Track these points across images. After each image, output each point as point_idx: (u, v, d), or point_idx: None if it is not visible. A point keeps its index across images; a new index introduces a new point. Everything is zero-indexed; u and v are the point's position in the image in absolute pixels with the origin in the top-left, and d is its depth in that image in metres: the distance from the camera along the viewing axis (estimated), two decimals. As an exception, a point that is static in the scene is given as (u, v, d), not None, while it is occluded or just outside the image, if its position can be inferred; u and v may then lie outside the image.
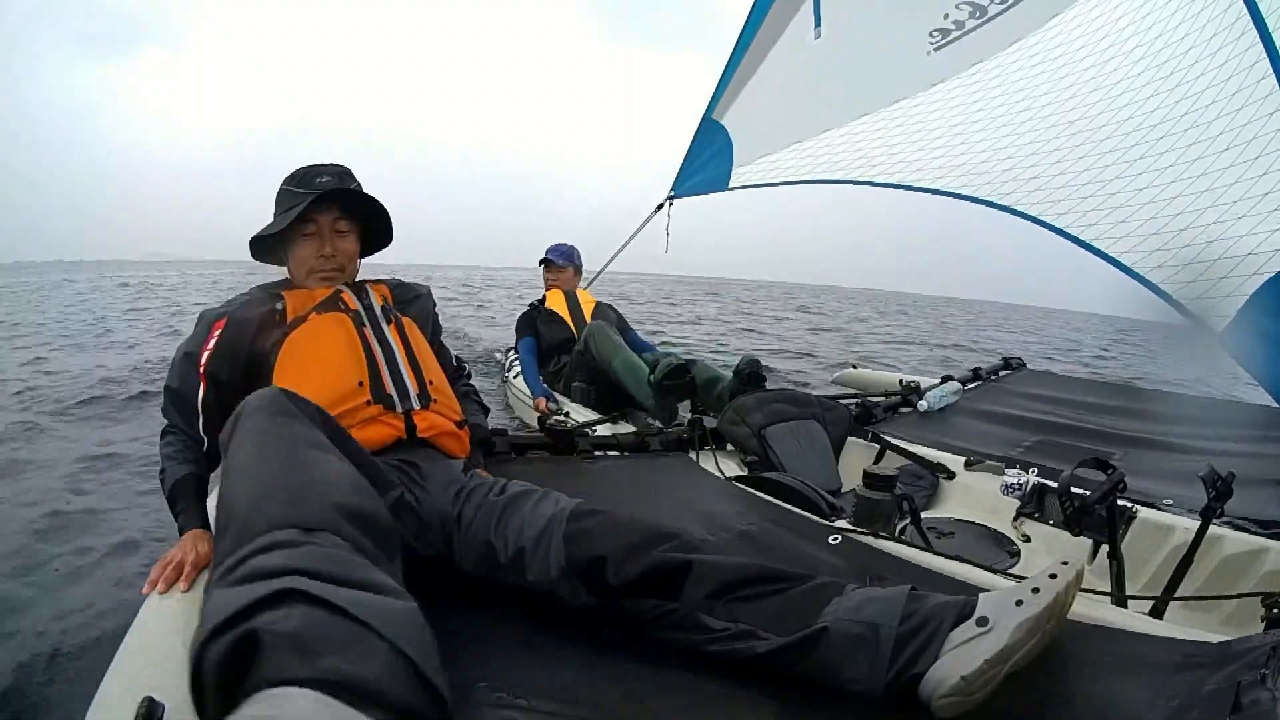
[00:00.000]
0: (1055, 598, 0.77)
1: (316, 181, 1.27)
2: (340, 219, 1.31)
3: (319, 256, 1.30)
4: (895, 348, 9.30)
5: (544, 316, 3.11)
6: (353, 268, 1.37)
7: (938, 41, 2.99)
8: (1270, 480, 1.64)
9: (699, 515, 1.37)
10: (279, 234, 1.29)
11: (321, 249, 1.30)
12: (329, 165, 1.31)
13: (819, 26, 3.16)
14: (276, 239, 1.31)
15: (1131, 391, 3.43)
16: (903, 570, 1.11)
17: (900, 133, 3.08)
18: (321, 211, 1.29)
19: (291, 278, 1.36)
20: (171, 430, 1.21)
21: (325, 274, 1.32)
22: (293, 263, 1.33)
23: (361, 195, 1.31)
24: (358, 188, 1.33)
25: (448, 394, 1.30)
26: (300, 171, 1.30)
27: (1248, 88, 2.29)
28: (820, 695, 0.79)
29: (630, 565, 0.90)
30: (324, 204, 1.28)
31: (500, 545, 0.99)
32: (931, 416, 2.50)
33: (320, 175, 1.28)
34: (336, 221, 1.31)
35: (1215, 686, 0.71)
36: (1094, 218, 2.48)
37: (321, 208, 1.28)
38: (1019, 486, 1.65)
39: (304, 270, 1.32)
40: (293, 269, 1.34)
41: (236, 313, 1.25)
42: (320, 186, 1.26)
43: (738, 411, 1.92)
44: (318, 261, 1.30)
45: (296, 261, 1.32)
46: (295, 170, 1.31)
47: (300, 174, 1.29)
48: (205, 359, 1.20)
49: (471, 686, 0.81)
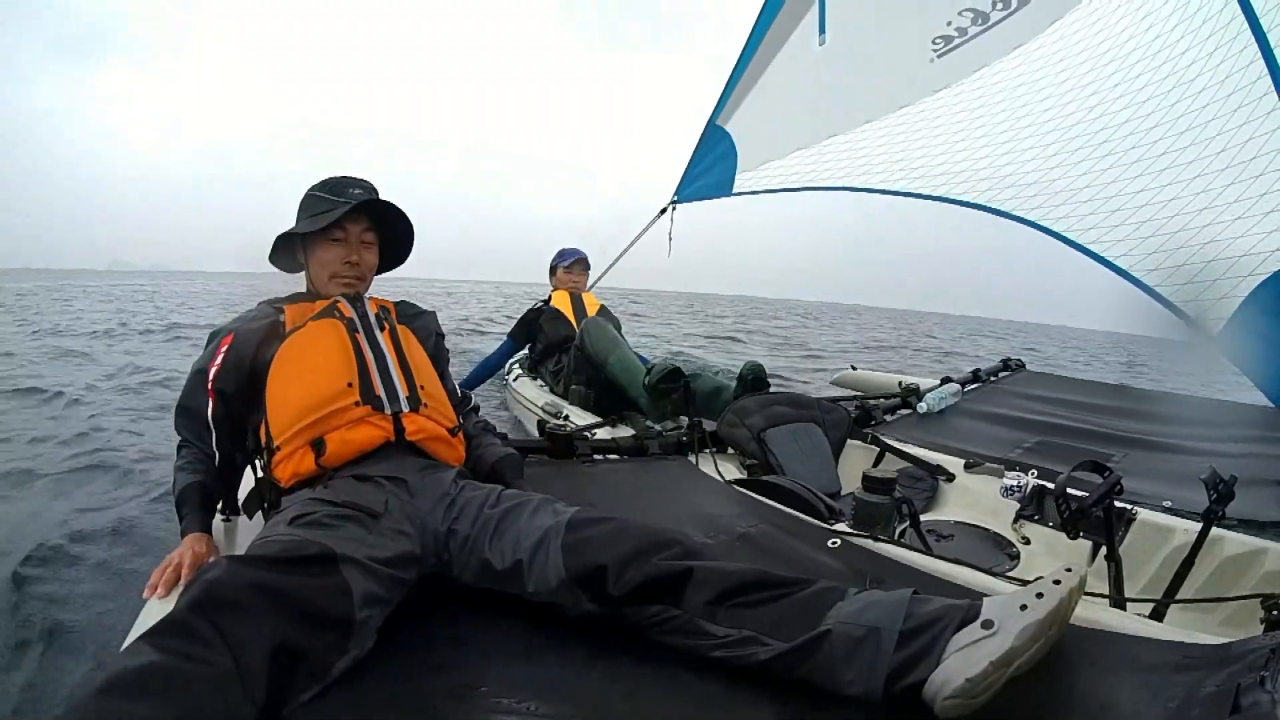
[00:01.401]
0: (1059, 603, 0.77)
1: (349, 192, 1.31)
2: (368, 230, 1.35)
3: (345, 263, 1.33)
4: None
5: (548, 315, 3.14)
6: (369, 281, 1.39)
7: (940, 49, 3.00)
8: (1269, 481, 1.65)
9: (698, 518, 1.37)
10: (302, 237, 1.33)
11: (349, 255, 1.33)
12: (358, 179, 1.35)
13: (824, 34, 3.17)
14: (300, 241, 1.35)
15: (1130, 393, 3.43)
16: (902, 573, 1.11)
17: (903, 139, 3.09)
18: (353, 221, 1.33)
19: (311, 281, 1.37)
20: (185, 444, 1.25)
21: (347, 280, 1.34)
22: (315, 265, 1.35)
23: (397, 212, 1.36)
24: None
25: (440, 400, 1.30)
26: (331, 180, 1.34)
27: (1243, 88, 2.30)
28: (821, 698, 0.79)
29: (631, 574, 0.90)
30: (355, 215, 1.32)
31: (497, 558, 1.00)
32: (931, 418, 2.50)
33: (353, 187, 1.32)
34: (364, 233, 1.35)
35: (1215, 688, 0.71)
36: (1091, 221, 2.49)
37: (352, 218, 1.32)
38: (1019, 489, 1.65)
39: (326, 274, 1.34)
40: (314, 272, 1.36)
41: (242, 328, 1.27)
42: (354, 197, 1.30)
43: (737, 414, 1.92)
44: (343, 267, 1.33)
45: (319, 265, 1.34)
46: (325, 179, 1.35)
47: (332, 183, 1.33)
48: (213, 375, 1.22)
49: (473, 691, 0.81)
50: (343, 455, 1.12)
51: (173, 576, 0.99)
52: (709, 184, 3.84)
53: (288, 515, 0.99)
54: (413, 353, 1.32)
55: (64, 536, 2.01)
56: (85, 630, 1.57)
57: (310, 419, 1.12)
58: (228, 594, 0.75)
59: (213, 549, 1.10)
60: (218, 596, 0.74)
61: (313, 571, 0.85)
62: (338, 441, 1.12)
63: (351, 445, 1.13)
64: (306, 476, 1.11)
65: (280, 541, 0.90)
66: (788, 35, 3.31)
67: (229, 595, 0.75)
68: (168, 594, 0.96)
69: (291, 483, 1.12)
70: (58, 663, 1.47)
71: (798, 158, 3.47)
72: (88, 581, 1.80)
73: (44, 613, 1.64)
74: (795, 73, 3.38)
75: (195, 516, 1.13)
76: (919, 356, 10.73)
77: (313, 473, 1.11)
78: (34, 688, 1.40)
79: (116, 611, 1.62)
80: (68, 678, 1.42)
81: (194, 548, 1.05)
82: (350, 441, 1.12)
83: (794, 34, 3.29)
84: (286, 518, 0.99)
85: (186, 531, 1.10)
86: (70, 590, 1.75)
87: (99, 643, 1.51)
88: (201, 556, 1.03)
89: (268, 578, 0.80)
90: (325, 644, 0.80)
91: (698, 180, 3.90)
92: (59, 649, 1.51)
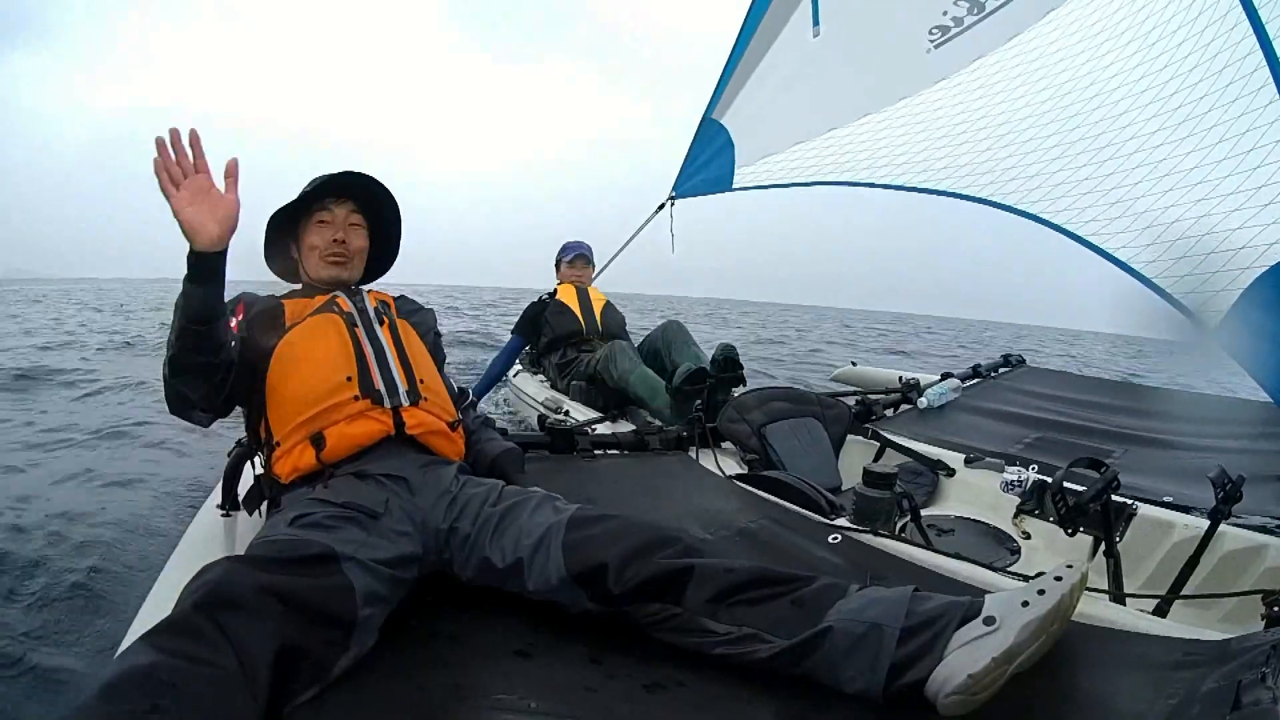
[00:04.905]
0: (1061, 599, 0.77)
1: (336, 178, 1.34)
2: (355, 213, 1.37)
3: (332, 241, 1.34)
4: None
5: (554, 308, 3.13)
6: (359, 265, 1.39)
7: (937, 39, 2.98)
8: (1271, 477, 1.65)
9: (699, 514, 1.37)
10: (294, 230, 1.36)
11: (335, 234, 1.34)
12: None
13: (818, 25, 3.14)
14: (293, 239, 1.37)
15: (1131, 389, 3.43)
16: (903, 569, 1.11)
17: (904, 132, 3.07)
18: (338, 204, 1.35)
19: (305, 271, 1.38)
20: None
21: (335, 258, 1.34)
22: (305, 252, 1.36)
23: (377, 185, 1.37)
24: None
25: (440, 394, 1.30)
26: (319, 176, 1.36)
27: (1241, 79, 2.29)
28: (822, 695, 0.79)
29: (632, 572, 0.90)
30: (340, 197, 1.34)
31: (497, 556, 0.99)
32: (931, 414, 2.50)
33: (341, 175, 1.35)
34: (351, 214, 1.36)
35: (1215, 685, 0.71)
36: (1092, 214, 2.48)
37: (337, 199, 1.34)
38: (1019, 483, 1.65)
39: (315, 256, 1.34)
40: (305, 258, 1.37)
41: (249, 296, 1.32)
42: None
43: (737, 409, 1.92)
44: (331, 245, 1.34)
45: (309, 249, 1.35)
46: (318, 175, 1.37)
47: (319, 177, 1.35)
48: (235, 322, 1.24)
49: (472, 689, 0.81)
50: (342, 450, 1.12)
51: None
52: (708, 179, 3.80)
53: (288, 515, 0.99)
54: (412, 347, 1.32)
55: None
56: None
57: (309, 413, 1.12)
58: (231, 594, 0.75)
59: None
60: (221, 596, 0.74)
61: (315, 571, 0.85)
62: (337, 436, 1.11)
63: (351, 439, 1.12)
64: (307, 472, 1.11)
65: (281, 541, 0.89)
66: (781, 27, 3.27)
67: (232, 595, 0.75)
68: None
69: (292, 478, 1.11)
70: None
71: (798, 151, 3.44)
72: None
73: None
74: (791, 65, 3.34)
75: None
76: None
77: (313, 468, 1.10)
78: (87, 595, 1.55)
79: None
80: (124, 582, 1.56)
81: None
82: (350, 436, 1.12)
83: (788, 26, 3.25)
84: (287, 518, 0.98)
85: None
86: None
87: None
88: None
89: (270, 578, 0.80)
90: (327, 643, 0.80)
91: (696, 175, 3.86)
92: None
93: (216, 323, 1.06)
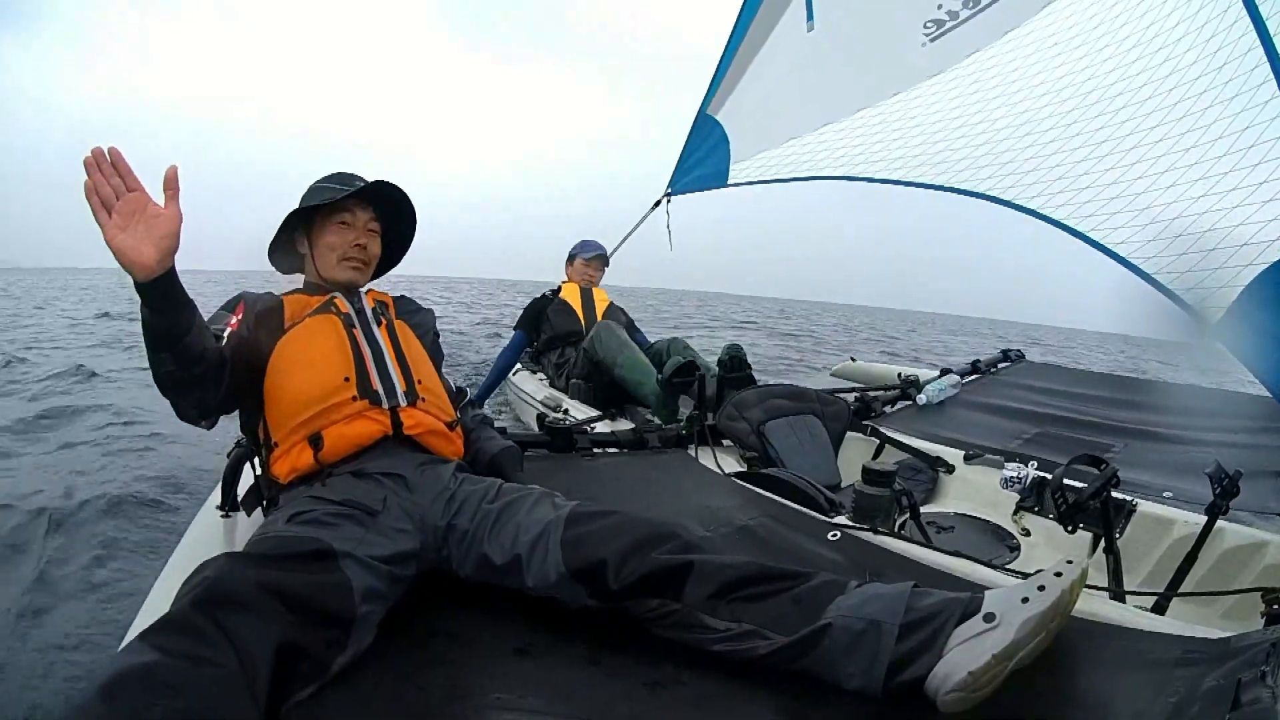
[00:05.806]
0: (1061, 596, 0.77)
1: (356, 182, 1.33)
2: (374, 220, 1.37)
3: (353, 245, 1.34)
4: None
5: (556, 306, 3.12)
6: (371, 270, 1.40)
7: (932, 33, 2.96)
8: (1271, 472, 1.65)
9: (698, 511, 1.37)
10: (307, 227, 1.35)
11: (357, 239, 1.34)
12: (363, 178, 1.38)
13: (811, 20, 3.13)
14: (304, 232, 1.36)
15: (1131, 383, 3.42)
16: (902, 566, 1.11)
17: (900, 127, 3.06)
18: (361, 208, 1.35)
19: (316, 269, 1.37)
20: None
21: (355, 262, 1.35)
22: (321, 250, 1.35)
23: (402, 197, 1.38)
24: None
25: (438, 394, 1.30)
26: (338, 173, 1.36)
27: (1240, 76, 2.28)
28: (821, 692, 0.79)
29: (631, 568, 0.90)
30: (363, 202, 1.35)
31: (496, 553, 0.99)
32: (930, 410, 2.50)
33: (359, 180, 1.35)
34: (370, 221, 1.37)
35: (1215, 683, 0.71)
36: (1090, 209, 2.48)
37: (360, 204, 1.35)
38: (1019, 480, 1.65)
39: (335, 256, 1.34)
40: (320, 257, 1.35)
41: (249, 295, 1.31)
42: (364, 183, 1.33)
43: (736, 407, 1.91)
44: (353, 249, 1.34)
45: (327, 248, 1.34)
46: (332, 173, 1.37)
47: (338, 175, 1.36)
48: (236, 320, 1.23)
49: (471, 687, 0.81)
50: (340, 450, 1.11)
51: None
52: (704, 175, 3.79)
53: (286, 513, 0.99)
54: (410, 347, 1.32)
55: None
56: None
57: (307, 414, 1.11)
58: (230, 591, 0.75)
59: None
60: (220, 594, 0.74)
61: (313, 568, 0.85)
62: (335, 436, 1.11)
63: (349, 440, 1.12)
64: (305, 472, 1.11)
65: (279, 538, 0.89)
66: (775, 22, 3.26)
67: (231, 593, 0.75)
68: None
69: (290, 479, 1.11)
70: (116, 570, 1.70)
71: (793, 147, 3.43)
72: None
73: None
74: (785, 60, 3.33)
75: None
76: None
77: (311, 468, 1.10)
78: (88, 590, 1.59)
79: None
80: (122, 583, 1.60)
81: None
82: (347, 436, 1.12)
83: (782, 20, 3.24)
84: (284, 515, 0.98)
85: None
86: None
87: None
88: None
89: (269, 575, 0.79)
90: (325, 640, 0.80)
91: (691, 171, 3.85)
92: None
93: (183, 339, 0.99)
